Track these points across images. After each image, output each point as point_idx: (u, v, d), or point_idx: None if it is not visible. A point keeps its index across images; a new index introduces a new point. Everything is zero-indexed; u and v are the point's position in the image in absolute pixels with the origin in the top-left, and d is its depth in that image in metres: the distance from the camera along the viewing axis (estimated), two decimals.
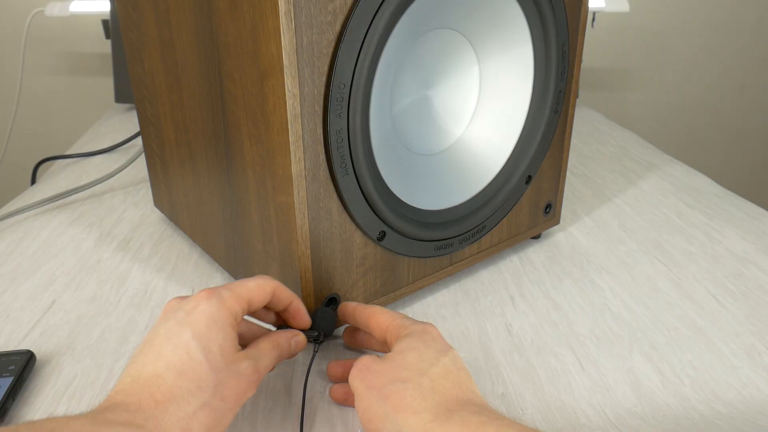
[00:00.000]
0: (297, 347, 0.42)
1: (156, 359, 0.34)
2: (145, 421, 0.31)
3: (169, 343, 0.34)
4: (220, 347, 0.35)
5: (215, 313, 0.35)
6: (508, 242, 0.61)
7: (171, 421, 0.32)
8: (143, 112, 0.63)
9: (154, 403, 0.32)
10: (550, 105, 0.56)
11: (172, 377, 0.33)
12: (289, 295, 0.42)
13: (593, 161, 0.91)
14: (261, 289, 0.39)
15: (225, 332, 0.35)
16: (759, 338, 0.50)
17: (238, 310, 0.37)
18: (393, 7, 0.41)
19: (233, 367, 0.35)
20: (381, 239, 0.49)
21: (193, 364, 0.34)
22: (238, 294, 0.38)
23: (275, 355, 0.39)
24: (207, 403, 0.33)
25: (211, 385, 0.34)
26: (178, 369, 0.33)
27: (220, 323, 0.35)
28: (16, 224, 0.72)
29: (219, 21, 0.43)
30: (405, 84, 0.50)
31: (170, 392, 0.33)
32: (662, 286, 0.58)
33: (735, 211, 0.73)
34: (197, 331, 0.34)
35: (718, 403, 0.43)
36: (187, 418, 0.33)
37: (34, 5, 1.37)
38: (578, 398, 0.43)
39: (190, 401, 0.33)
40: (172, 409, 0.32)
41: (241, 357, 0.36)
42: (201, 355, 0.34)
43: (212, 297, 0.36)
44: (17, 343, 0.51)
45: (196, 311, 0.35)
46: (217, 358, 0.34)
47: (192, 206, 0.60)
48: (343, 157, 0.43)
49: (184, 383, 0.33)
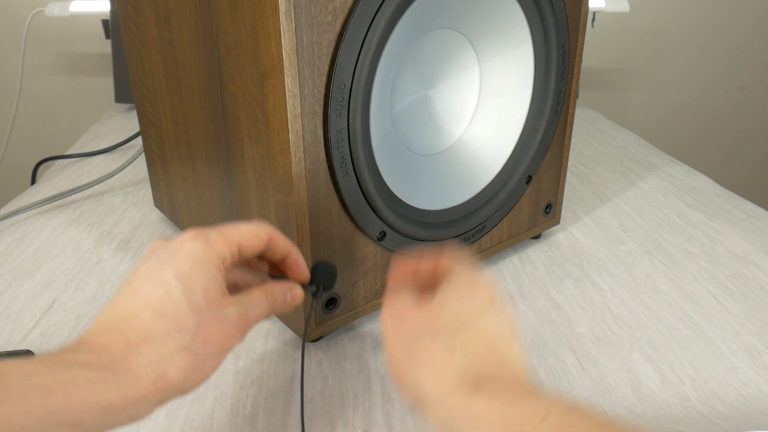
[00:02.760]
0: (293, 301, 0.39)
1: (133, 299, 0.31)
2: (112, 362, 0.29)
3: (148, 282, 0.32)
4: (204, 289, 0.32)
5: (200, 254, 0.33)
6: (508, 242, 0.61)
7: (143, 363, 0.29)
8: (143, 112, 0.63)
9: (125, 344, 0.30)
10: (550, 105, 0.56)
11: (148, 317, 0.31)
12: (287, 244, 0.38)
13: (593, 161, 0.91)
14: (254, 234, 0.36)
15: (210, 274, 0.33)
16: (759, 338, 0.50)
17: (227, 253, 0.34)
18: (393, 7, 0.41)
19: (218, 311, 0.33)
20: (381, 239, 0.49)
21: (172, 304, 0.31)
22: (228, 237, 0.35)
23: (267, 305, 0.36)
24: (186, 347, 0.31)
25: (191, 328, 0.31)
26: (156, 308, 0.31)
27: (205, 264, 0.33)
28: (16, 224, 0.72)
29: (219, 21, 0.43)
30: (405, 84, 0.50)
31: (144, 333, 0.30)
32: (662, 286, 0.58)
33: (735, 211, 0.73)
34: (179, 271, 0.32)
35: (719, 402, 0.43)
36: (162, 360, 0.30)
37: (34, 5, 1.37)
38: (578, 398, 0.43)
39: (166, 343, 0.30)
40: (145, 351, 0.30)
41: (228, 302, 0.34)
42: (182, 295, 0.31)
43: (198, 237, 0.34)
44: (17, 343, 0.51)
45: (180, 251, 0.33)
46: (200, 300, 0.32)
47: (192, 206, 0.60)
48: (343, 157, 0.43)
49: (161, 324, 0.31)
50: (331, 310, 0.48)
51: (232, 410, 0.43)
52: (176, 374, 0.30)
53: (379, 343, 0.50)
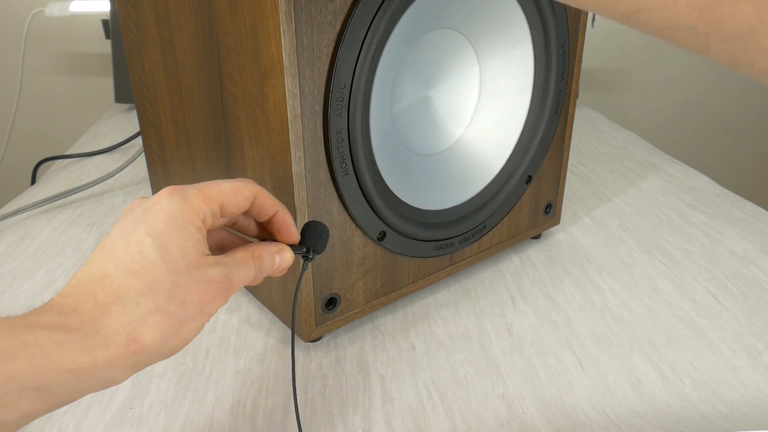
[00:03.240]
0: (282, 263, 0.37)
1: (105, 259, 0.30)
2: (81, 323, 0.28)
3: (121, 242, 0.30)
4: (181, 248, 0.31)
5: (176, 211, 0.31)
6: (508, 242, 0.61)
7: (114, 325, 0.28)
8: (143, 112, 0.63)
9: (94, 305, 0.29)
10: (550, 105, 0.56)
11: (120, 277, 0.29)
12: (274, 203, 0.37)
13: (593, 161, 0.91)
14: (237, 192, 0.34)
15: (187, 232, 0.31)
16: (759, 338, 0.50)
17: (206, 211, 0.33)
18: (393, 7, 0.41)
19: (197, 271, 0.31)
20: (381, 239, 0.49)
21: (145, 263, 0.30)
22: (207, 194, 0.33)
23: (253, 267, 0.35)
24: (161, 307, 0.29)
25: (166, 288, 0.30)
26: (128, 268, 0.30)
27: (182, 222, 0.31)
28: (16, 224, 0.72)
29: (219, 21, 0.43)
30: (405, 84, 0.50)
31: (116, 293, 0.29)
32: (662, 286, 0.58)
33: (735, 211, 0.73)
34: (154, 229, 0.31)
35: (719, 402, 0.43)
36: (134, 321, 0.29)
37: (34, 5, 1.37)
38: (578, 398, 0.43)
39: (139, 303, 0.29)
40: (116, 312, 0.29)
41: (209, 262, 0.32)
42: (156, 254, 0.30)
43: (175, 194, 0.32)
44: None
45: (156, 208, 0.31)
46: (176, 259, 0.30)
47: None
48: (343, 157, 0.43)
49: (133, 283, 0.29)
50: (331, 310, 0.48)
51: (232, 410, 0.43)
52: (151, 336, 0.29)
53: (379, 343, 0.50)
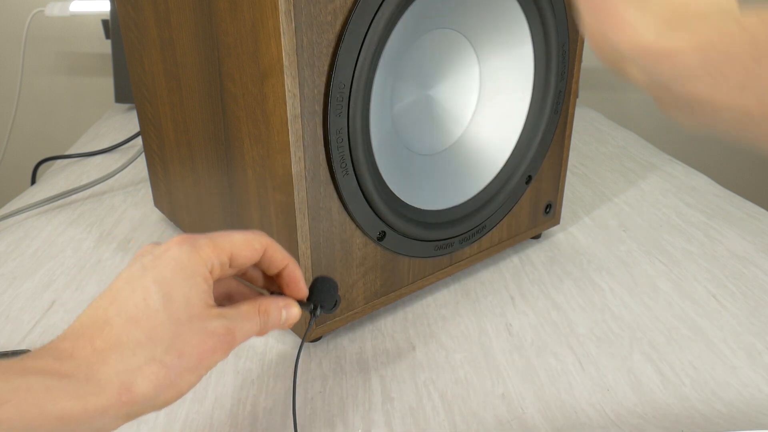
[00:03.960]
0: (289, 319, 0.36)
1: (109, 304, 0.30)
2: (75, 369, 0.27)
3: (127, 287, 0.30)
4: (185, 297, 0.30)
5: (185, 260, 0.31)
6: (508, 242, 0.61)
7: (109, 373, 0.28)
8: (143, 112, 0.63)
9: (91, 350, 0.28)
10: (550, 105, 0.56)
11: (121, 323, 0.29)
12: (284, 257, 0.36)
13: (593, 161, 0.91)
14: (248, 244, 0.34)
15: (194, 281, 0.31)
16: (759, 338, 0.50)
17: (215, 262, 0.32)
18: (393, 7, 0.41)
19: (199, 323, 0.30)
20: (381, 239, 0.49)
21: (148, 311, 0.29)
22: (218, 244, 0.33)
23: (258, 321, 0.34)
24: (158, 358, 0.29)
25: (166, 338, 0.29)
26: (130, 314, 0.29)
27: (189, 271, 0.31)
28: (16, 224, 0.72)
29: (219, 21, 0.43)
30: (405, 84, 0.50)
31: (115, 340, 0.28)
32: (662, 286, 0.58)
33: (735, 211, 0.73)
34: (160, 276, 0.30)
35: (719, 402, 0.43)
36: (129, 371, 0.28)
37: (34, 5, 1.37)
38: (578, 398, 0.43)
39: (136, 352, 0.28)
40: (112, 359, 0.28)
41: (212, 314, 0.31)
42: (159, 302, 0.30)
43: (185, 243, 0.32)
44: (17, 343, 0.51)
45: (165, 255, 0.31)
46: (180, 308, 0.30)
47: (192, 206, 0.60)
48: (343, 156, 0.43)
49: (133, 331, 0.29)
50: (331, 310, 0.48)
51: (232, 410, 0.43)
52: (145, 387, 0.28)
53: (379, 343, 0.50)
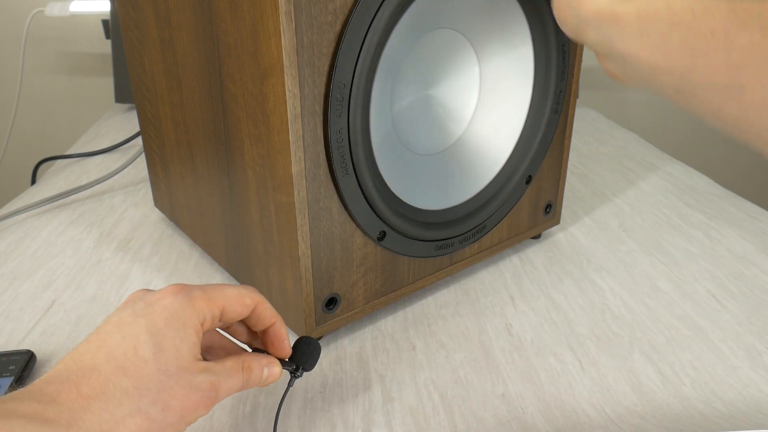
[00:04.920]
0: (270, 377, 0.36)
1: (98, 348, 0.29)
2: (57, 415, 0.27)
3: (117, 333, 0.30)
4: (176, 349, 0.30)
5: (179, 311, 0.31)
6: (508, 242, 0.61)
7: (92, 421, 0.27)
8: (143, 112, 0.63)
9: (76, 396, 0.28)
10: (550, 105, 0.56)
11: (108, 371, 0.28)
12: (272, 315, 0.37)
13: (593, 161, 0.91)
14: (239, 299, 0.34)
15: (185, 333, 0.31)
16: (759, 338, 0.50)
17: (207, 315, 0.32)
18: (393, 7, 0.41)
19: (186, 376, 0.30)
20: (381, 239, 0.49)
21: (137, 361, 0.29)
22: (211, 297, 0.33)
23: (241, 378, 0.34)
24: (143, 410, 0.29)
25: (153, 390, 0.29)
26: (119, 363, 0.29)
27: (182, 323, 0.31)
28: (16, 224, 0.72)
29: (219, 21, 0.43)
30: (405, 84, 0.50)
31: (101, 387, 0.28)
32: (662, 286, 0.58)
33: (735, 211, 0.73)
34: (153, 326, 0.30)
35: (719, 402, 0.43)
36: (112, 420, 0.28)
37: (34, 5, 1.37)
38: (578, 398, 0.43)
39: (122, 402, 0.28)
40: (96, 407, 0.28)
41: (199, 368, 0.31)
42: (150, 352, 0.29)
43: (180, 293, 0.32)
44: (17, 343, 0.51)
45: (159, 304, 0.31)
46: (169, 360, 0.30)
47: (192, 206, 0.60)
48: (343, 156, 0.43)
49: (120, 380, 0.28)
50: (331, 310, 0.48)
51: (232, 410, 0.43)
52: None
53: (379, 343, 0.50)
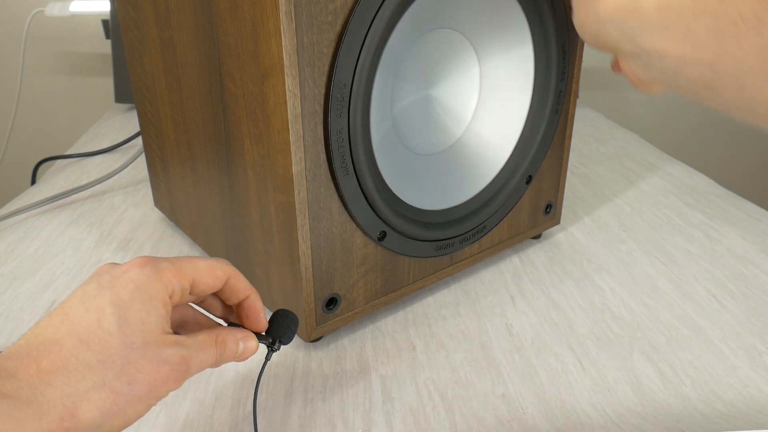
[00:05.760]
0: (246, 351, 0.35)
1: (60, 322, 0.29)
2: (16, 390, 0.26)
3: (81, 306, 0.29)
4: (142, 321, 0.29)
5: (145, 283, 0.30)
6: (508, 242, 0.61)
7: (53, 395, 0.27)
8: (143, 112, 0.63)
9: (36, 371, 0.27)
10: (551, 105, 0.56)
11: (71, 344, 0.28)
12: (246, 287, 0.36)
13: (593, 161, 0.92)
14: (211, 270, 0.33)
15: (152, 305, 0.30)
16: (759, 338, 0.50)
17: (176, 287, 0.32)
18: (393, 7, 0.41)
19: (154, 349, 0.29)
20: (381, 239, 0.49)
21: (101, 334, 0.28)
22: (180, 269, 0.32)
23: (215, 353, 0.33)
24: (106, 383, 0.28)
25: (117, 363, 0.28)
26: (82, 336, 0.28)
27: (148, 294, 0.30)
28: (16, 224, 0.72)
29: (219, 21, 0.43)
30: (405, 84, 0.50)
31: (62, 361, 0.27)
32: (662, 286, 0.58)
33: (735, 211, 0.73)
34: (118, 298, 0.29)
35: (719, 402, 0.43)
36: (75, 394, 0.27)
37: (34, 5, 1.37)
38: (579, 398, 0.43)
39: (85, 376, 0.27)
40: (57, 382, 0.27)
41: (168, 341, 0.30)
42: (114, 325, 0.28)
43: (147, 265, 0.31)
44: None
45: (124, 277, 0.30)
46: (135, 333, 0.29)
47: (192, 206, 0.60)
48: (343, 156, 0.43)
49: (83, 354, 0.28)
50: (331, 310, 0.48)
51: (232, 410, 0.43)
52: (90, 413, 0.27)
53: (379, 343, 0.50)
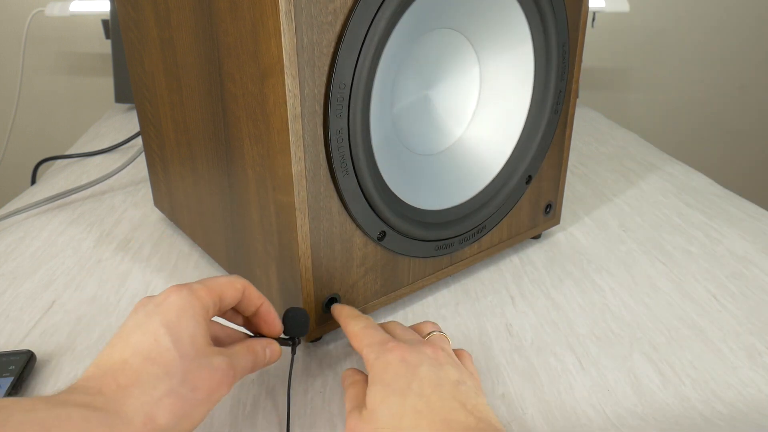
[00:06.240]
0: (272, 356, 0.40)
1: (123, 347, 0.33)
2: (105, 404, 0.30)
3: (137, 331, 0.33)
4: (191, 336, 0.34)
5: (186, 303, 0.35)
6: (508, 242, 0.61)
7: (134, 405, 0.31)
8: (143, 112, 0.63)
9: (116, 387, 0.31)
10: (551, 105, 0.56)
11: (138, 362, 0.32)
12: (259, 295, 0.40)
13: (593, 161, 0.91)
14: (232, 284, 0.38)
15: (196, 322, 0.35)
16: (759, 338, 0.50)
17: (210, 303, 0.36)
18: (393, 7, 0.41)
19: (204, 359, 0.34)
20: (381, 239, 0.49)
21: (160, 350, 0.33)
22: (210, 287, 0.37)
23: (251, 359, 0.38)
24: (174, 390, 0.32)
25: (179, 373, 0.32)
26: (145, 354, 0.32)
27: (191, 312, 0.35)
28: (16, 224, 0.72)
29: (219, 21, 0.43)
30: (405, 84, 0.50)
31: (135, 376, 0.32)
32: (662, 286, 0.58)
33: (735, 211, 0.73)
34: (166, 319, 0.34)
35: (719, 403, 0.43)
36: (151, 403, 0.31)
37: (34, 5, 1.37)
38: (578, 398, 0.43)
39: (156, 386, 0.32)
40: (135, 393, 0.31)
41: (214, 351, 0.35)
42: (169, 341, 0.33)
43: (183, 289, 0.36)
44: (17, 343, 0.51)
45: (167, 302, 0.35)
46: (187, 346, 0.33)
47: (192, 206, 0.60)
48: (343, 156, 0.43)
49: (150, 368, 0.32)
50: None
51: (232, 410, 0.43)
52: (165, 417, 0.31)
53: None
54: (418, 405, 0.34)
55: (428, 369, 0.36)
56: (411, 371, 0.36)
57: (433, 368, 0.37)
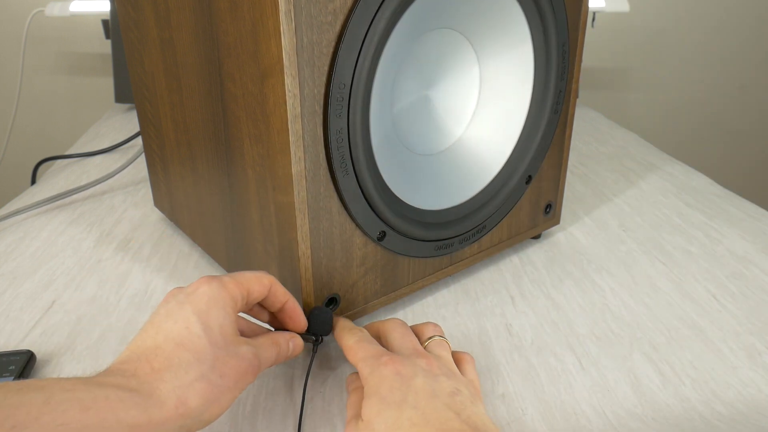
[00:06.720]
0: (295, 349, 0.42)
1: (156, 333, 0.34)
2: (139, 386, 0.32)
3: (169, 319, 0.35)
4: (220, 326, 0.35)
5: (216, 294, 0.36)
6: (508, 242, 0.61)
7: (167, 389, 0.32)
8: (143, 112, 0.63)
9: (150, 370, 0.33)
10: (550, 105, 0.56)
11: (170, 347, 0.34)
12: (285, 292, 0.42)
13: (593, 161, 0.91)
14: (259, 280, 0.40)
15: (225, 312, 0.36)
16: (759, 338, 0.50)
17: (238, 296, 0.38)
18: (393, 7, 0.41)
19: (233, 348, 0.35)
20: (381, 239, 0.49)
21: (192, 337, 0.34)
22: (239, 281, 0.38)
23: (275, 351, 0.39)
24: (205, 376, 0.33)
25: (209, 359, 0.34)
26: (177, 341, 0.34)
27: (221, 303, 0.36)
28: (16, 224, 0.72)
29: (219, 21, 0.43)
30: (405, 84, 0.50)
31: (168, 361, 0.33)
32: (662, 286, 0.58)
33: (735, 211, 0.73)
34: (197, 308, 0.35)
35: (719, 403, 0.43)
36: (183, 387, 0.33)
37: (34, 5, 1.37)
38: (578, 398, 0.43)
39: (187, 371, 0.33)
40: (168, 377, 0.32)
41: (241, 341, 0.37)
42: (200, 329, 0.34)
43: (213, 280, 0.37)
44: (17, 343, 0.51)
45: (197, 292, 0.36)
46: (217, 335, 0.35)
47: (192, 206, 0.60)
48: (343, 156, 0.43)
49: (182, 353, 0.33)
50: (331, 309, 0.48)
51: (232, 410, 0.43)
52: (196, 401, 0.33)
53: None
54: (414, 417, 0.35)
55: (423, 381, 0.37)
56: (405, 384, 0.37)
57: (427, 380, 0.37)
